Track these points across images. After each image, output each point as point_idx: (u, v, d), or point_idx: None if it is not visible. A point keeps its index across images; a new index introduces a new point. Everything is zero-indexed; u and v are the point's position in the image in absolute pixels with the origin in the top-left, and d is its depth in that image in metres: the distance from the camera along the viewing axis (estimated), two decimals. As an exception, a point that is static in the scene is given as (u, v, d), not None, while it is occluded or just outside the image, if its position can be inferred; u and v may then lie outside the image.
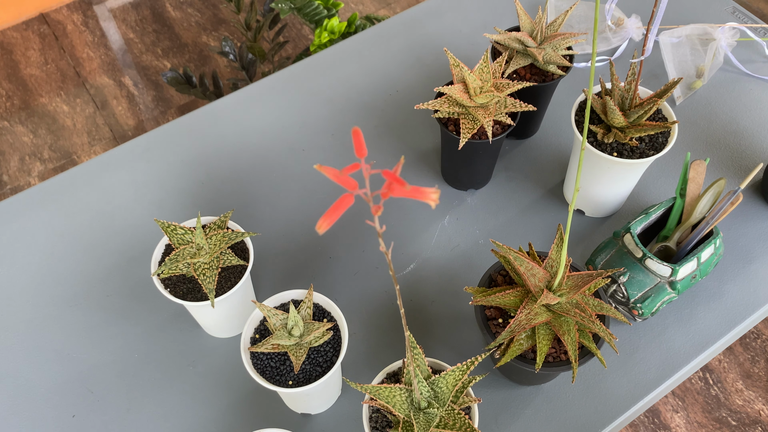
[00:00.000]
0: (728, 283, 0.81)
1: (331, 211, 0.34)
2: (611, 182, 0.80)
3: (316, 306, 0.69)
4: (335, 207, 0.34)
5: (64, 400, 0.75)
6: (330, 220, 0.34)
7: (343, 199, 0.34)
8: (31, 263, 0.85)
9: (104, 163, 0.94)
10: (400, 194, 0.34)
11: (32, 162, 1.85)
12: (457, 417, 0.58)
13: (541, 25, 0.82)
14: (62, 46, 2.08)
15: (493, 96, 0.76)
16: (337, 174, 0.35)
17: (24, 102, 1.96)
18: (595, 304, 0.64)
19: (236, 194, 0.90)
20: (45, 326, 0.80)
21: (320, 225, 0.34)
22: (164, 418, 0.74)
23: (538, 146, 0.94)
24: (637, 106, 0.75)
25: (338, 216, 0.33)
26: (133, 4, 2.19)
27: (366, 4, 2.19)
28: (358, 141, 0.34)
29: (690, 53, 1.00)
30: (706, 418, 1.42)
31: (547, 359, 0.65)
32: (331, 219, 0.34)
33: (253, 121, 0.98)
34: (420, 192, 0.34)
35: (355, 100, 0.99)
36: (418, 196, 0.34)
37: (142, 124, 1.91)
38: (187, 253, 0.69)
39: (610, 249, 0.78)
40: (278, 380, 0.65)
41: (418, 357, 0.60)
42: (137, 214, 0.89)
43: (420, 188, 0.34)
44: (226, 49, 1.55)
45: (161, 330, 0.80)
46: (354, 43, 1.06)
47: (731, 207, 0.74)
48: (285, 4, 1.39)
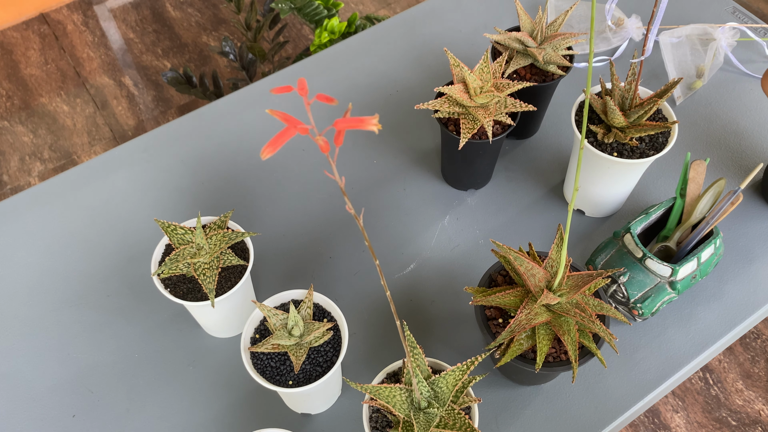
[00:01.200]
0: (728, 283, 0.81)
1: (275, 139, 0.37)
2: (611, 182, 0.80)
3: (316, 306, 0.69)
4: (279, 136, 0.37)
5: (64, 400, 0.75)
6: (273, 148, 0.37)
7: (286, 131, 0.38)
8: (31, 263, 0.85)
9: (104, 163, 0.94)
10: (345, 125, 0.38)
11: (32, 162, 1.85)
12: (457, 417, 0.58)
13: (541, 25, 0.82)
14: (62, 46, 2.08)
15: (493, 96, 0.76)
16: (284, 115, 0.39)
17: (24, 102, 1.96)
18: (595, 304, 0.64)
19: (236, 194, 0.90)
20: (45, 326, 0.80)
21: (263, 151, 0.37)
22: (164, 418, 0.74)
23: (538, 146, 0.94)
24: (637, 106, 0.75)
25: (281, 144, 0.37)
26: (133, 4, 2.19)
27: (366, 4, 2.19)
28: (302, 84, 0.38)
29: (690, 53, 1.00)
30: (706, 418, 1.42)
31: (547, 359, 0.65)
32: (274, 146, 0.37)
33: (253, 121, 0.98)
34: (361, 120, 0.38)
35: (355, 100, 0.99)
36: (359, 124, 0.37)
37: (142, 124, 1.92)
38: (187, 253, 0.69)
39: (610, 249, 0.78)
40: (278, 380, 0.65)
41: (418, 357, 0.60)
42: (137, 214, 0.89)
43: (361, 117, 0.38)
44: (226, 49, 1.55)
45: (161, 330, 0.80)
46: (354, 43, 1.06)
47: (731, 207, 0.74)
48: (285, 4, 1.39)
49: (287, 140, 0.36)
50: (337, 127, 0.38)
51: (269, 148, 0.37)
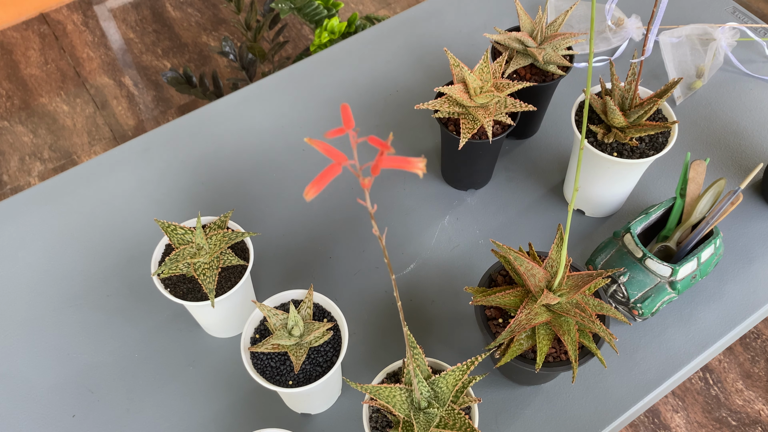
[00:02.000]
0: (728, 283, 0.81)
1: (318, 179, 0.35)
2: (611, 182, 0.80)
3: (316, 306, 0.69)
4: (323, 175, 0.35)
5: (64, 400, 0.75)
6: (317, 188, 0.35)
7: (331, 168, 0.36)
8: (31, 263, 0.85)
9: (104, 163, 0.94)
10: (389, 164, 0.36)
11: (32, 162, 1.85)
12: (457, 417, 0.58)
13: (541, 25, 0.82)
14: (62, 46, 2.08)
15: (493, 96, 0.76)
16: (326, 146, 0.36)
17: (24, 102, 1.96)
18: (595, 304, 0.64)
19: (236, 194, 0.90)
20: (45, 326, 0.80)
21: (308, 192, 0.35)
22: (164, 418, 0.74)
23: (538, 146, 0.94)
24: (637, 106, 0.75)
25: (325, 184, 0.35)
26: (133, 4, 2.19)
27: (366, 4, 2.19)
28: (346, 115, 0.36)
29: (690, 53, 1.00)
30: (706, 418, 1.42)
31: (547, 359, 0.65)
32: (318, 186, 0.35)
33: (253, 121, 0.98)
34: (407, 161, 0.36)
35: (355, 100, 0.99)
36: (405, 165, 0.36)
37: (142, 124, 1.91)
38: (187, 253, 0.69)
39: (610, 249, 0.78)
40: (278, 380, 0.65)
41: (418, 357, 0.60)
42: (137, 214, 0.89)
43: (407, 158, 0.36)
44: (226, 49, 1.55)
45: (161, 330, 0.80)
46: (354, 43, 1.06)
47: (731, 207, 0.74)
48: (285, 4, 1.39)
49: (333, 178, 0.35)
50: (381, 165, 0.36)
51: (314, 188, 0.35)
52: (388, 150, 0.36)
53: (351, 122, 0.36)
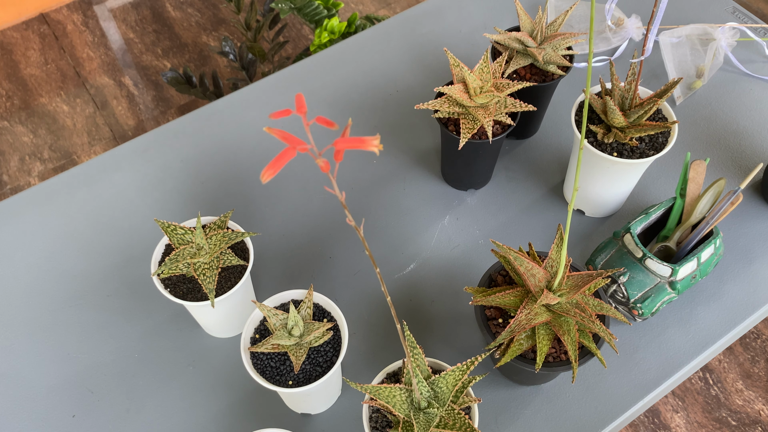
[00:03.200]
0: (728, 283, 0.81)
1: (274, 162, 0.37)
2: (611, 182, 0.80)
3: (316, 306, 0.69)
4: (278, 158, 0.37)
5: (64, 400, 0.75)
6: (273, 170, 0.36)
7: (286, 152, 0.37)
8: (31, 263, 0.85)
9: (104, 163, 0.94)
10: (345, 145, 0.37)
11: (32, 162, 1.85)
12: (457, 417, 0.58)
13: (541, 25, 0.82)
14: (62, 46, 2.08)
15: (493, 96, 0.76)
16: (284, 133, 0.38)
17: (24, 102, 1.96)
18: (595, 304, 0.64)
19: (236, 194, 0.90)
20: (44, 326, 0.80)
21: (264, 174, 0.36)
22: (164, 418, 0.74)
23: (538, 146, 0.94)
24: (637, 106, 0.75)
25: (280, 167, 0.36)
26: (133, 4, 2.19)
27: (366, 4, 2.19)
28: (300, 102, 0.38)
29: (690, 53, 1.00)
30: (706, 418, 1.42)
31: (547, 359, 0.65)
32: (274, 169, 0.36)
33: (253, 121, 0.98)
34: (362, 141, 0.37)
35: (355, 100, 0.99)
36: (360, 144, 0.37)
37: (142, 124, 1.92)
38: (187, 253, 0.69)
39: (610, 249, 0.78)
40: (278, 380, 0.65)
41: (418, 357, 0.60)
42: (137, 214, 0.89)
43: (361, 137, 0.37)
44: (226, 49, 1.55)
45: (161, 330, 0.80)
46: (354, 43, 1.06)
47: (731, 207, 0.74)
48: (285, 4, 1.39)
49: (287, 161, 0.36)
50: (336, 146, 0.37)
51: (269, 171, 0.36)
52: (332, 127, 0.37)
53: (303, 107, 0.38)
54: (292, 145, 0.37)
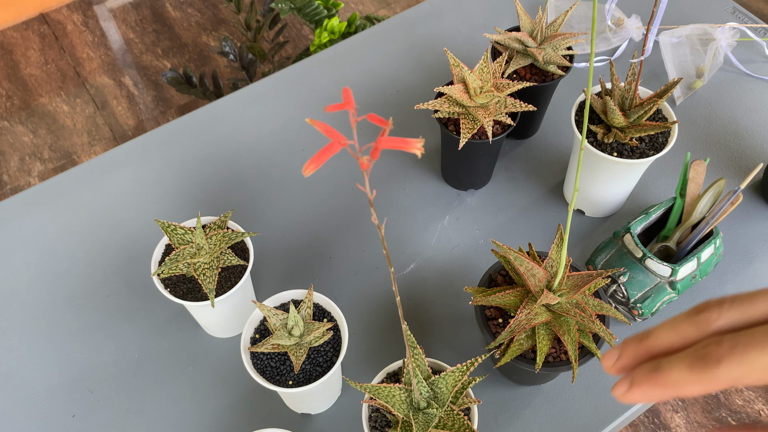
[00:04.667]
0: (728, 283, 0.81)
1: (318, 156, 0.36)
2: (611, 182, 0.80)
3: (316, 306, 0.69)
4: (322, 152, 0.36)
5: (64, 400, 0.75)
6: (316, 164, 0.36)
7: (330, 147, 0.36)
8: (31, 263, 0.85)
9: (104, 163, 0.94)
10: (388, 144, 0.37)
11: (32, 162, 1.85)
12: (456, 418, 0.58)
13: (541, 25, 0.82)
14: (62, 46, 2.08)
15: (493, 96, 0.76)
16: (327, 127, 0.37)
17: (24, 102, 1.96)
18: (595, 304, 0.64)
19: (236, 194, 0.90)
20: (45, 326, 0.80)
21: (306, 168, 0.36)
22: (164, 418, 0.74)
23: (538, 146, 0.94)
24: (637, 106, 0.75)
25: (324, 161, 0.36)
26: (133, 4, 2.19)
27: (366, 4, 2.19)
28: (347, 96, 0.37)
29: (690, 53, 1.00)
30: (706, 418, 1.42)
31: (547, 359, 0.65)
32: (317, 163, 0.36)
33: (253, 121, 0.98)
34: (405, 142, 0.37)
35: (355, 100, 0.99)
36: (404, 145, 0.37)
37: (142, 124, 1.92)
38: (187, 253, 0.69)
39: (610, 249, 0.78)
40: (278, 380, 0.65)
41: (418, 357, 0.60)
42: (137, 214, 0.89)
43: (405, 138, 0.37)
44: (226, 49, 1.55)
45: (161, 330, 0.80)
46: (354, 43, 1.06)
47: (731, 207, 0.74)
48: (285, 4, 1.39)
49: (331, 156, 0.36)
50: (379, 146, 0.37)
51: (312, 165, 0.35)
52: (387, 127, 0.37)
53: (351, 103, 0.37)
54: (335, 140, 0.36)
